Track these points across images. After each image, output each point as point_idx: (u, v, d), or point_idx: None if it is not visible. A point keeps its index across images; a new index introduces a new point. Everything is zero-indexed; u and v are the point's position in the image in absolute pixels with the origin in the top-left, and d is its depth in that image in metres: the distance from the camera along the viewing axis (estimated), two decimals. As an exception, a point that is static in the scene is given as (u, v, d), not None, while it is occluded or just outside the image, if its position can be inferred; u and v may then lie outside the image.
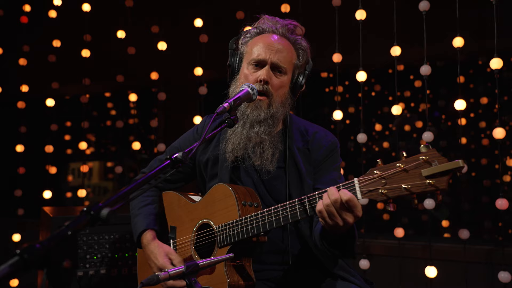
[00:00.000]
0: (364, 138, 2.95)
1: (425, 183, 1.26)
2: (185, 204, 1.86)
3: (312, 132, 1.85)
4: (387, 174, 1.31)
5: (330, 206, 1.38)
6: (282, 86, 1.77)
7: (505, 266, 2.55)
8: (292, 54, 1.80)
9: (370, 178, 1.34)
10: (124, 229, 2.58)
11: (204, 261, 1.28)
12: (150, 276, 1.17)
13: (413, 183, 1.27)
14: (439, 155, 1.26)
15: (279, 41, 1.79)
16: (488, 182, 3.86)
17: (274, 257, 1.79)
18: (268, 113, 1.73)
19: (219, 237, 1.66)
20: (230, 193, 1.65)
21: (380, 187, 1.32)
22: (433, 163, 1.25)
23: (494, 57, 2.58)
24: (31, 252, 0.75)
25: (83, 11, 3.81)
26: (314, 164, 1.81)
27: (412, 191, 1.27)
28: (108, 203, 0.91)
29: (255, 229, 1.57)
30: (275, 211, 1.55)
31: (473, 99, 3.98)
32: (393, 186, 1.30)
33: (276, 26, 1.83)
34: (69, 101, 4.85)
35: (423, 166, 1.26)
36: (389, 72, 3.95)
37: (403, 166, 1.29)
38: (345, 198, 1.35)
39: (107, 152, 5.23)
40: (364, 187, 1.36)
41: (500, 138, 2.56)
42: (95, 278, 2.46)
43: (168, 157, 1.21)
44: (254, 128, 1.73)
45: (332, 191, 1.39)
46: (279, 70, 1.76)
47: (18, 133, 4.00)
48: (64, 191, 5.15)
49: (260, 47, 1.77)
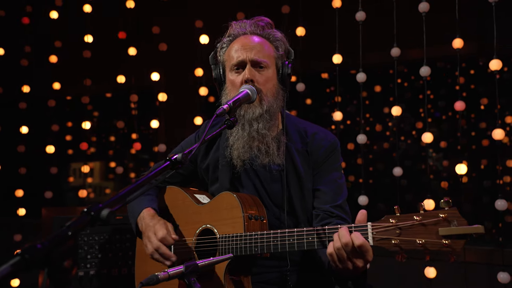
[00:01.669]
0: (364, 138, 2.95)
1: (441, 242, 1.21)
2: (190, 205, 1.85)
3: (311, 133, 1.84)
4: (403, 225, 1.26)
5: (340, 250, 1.34)
6: (268, 80, 1.77)
7: (505, 267, 2.56)
8: (269, 47, 1.81)
9: (384, 225, 1.29)
10: (124, 229, 2.60)
11: (203, 261, 1.30)
12: (149, 276, 1.18)
13: (428, 239, 1.23)
14: (459, 216, 1.22)
15: (252, 39, 1.80)
16: (489, 182, 3.86)
17: (272, 261, 1.79)
18: (262, 108, 1.73)
19: (221, 246, 1.65)
20: (237, 204, 1.64)
21: (393, 237, 1.27)
22: (452, 223, 1.21)
23: (494, 58, 2.58)
24: (32, 252, 0.76)
25: (84, 12, 3.83)
26: (313, 165, 1.80)
27: (426, 247, 1.23)
28: (108, 204, 0.92)
29: (259, 248, 1.55)
30: (282, 236, 1.52)
31: (474, 100, 3.99)
32: (407, 238, 1.25)
33: (245, 28, 1.84)
34: (70, 102, 4.87)
35: (441, 224, 1.22)
36: (390, 72, 3.96)
37: (420, 219, 1.24)
38: (358, 243, 1.30)
39: (108, 152, 5.24)
40: (377, 234, 1.31)
41: (499, 139, 2.57)
42: (96, 278, 2.48)
43: (167, 158, 1.23)
44: (253, 126, 1.74)
45: (343, 233, 1.34)
46: (260, 65, 1.76)
47: (20, 134, 4.02)
48: (65, 191, 5.16)
49: (236, 50, 1.78)
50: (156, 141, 3.96)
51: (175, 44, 3.94)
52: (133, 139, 4.06)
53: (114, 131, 4.98)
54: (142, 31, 3.96)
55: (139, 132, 4.38)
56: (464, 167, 2.71)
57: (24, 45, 4.09)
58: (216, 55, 1.91)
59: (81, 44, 3.87)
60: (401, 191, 3.74)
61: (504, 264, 2.57)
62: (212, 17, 3.77)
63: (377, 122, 4.42)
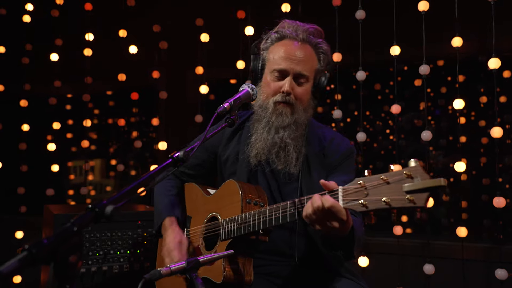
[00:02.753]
0: (364, 136, 2.97)
1: (404, 198, 1.21)
2: (202, 197, 1.94)
3: (329, 138, 1.90)
4: (370, 185, 1.28)
5: (312, 215, 1.39)
6: (305, 93, 1.81)
7: (502, 264, 2.58)
8: (314, 60, 1.83)
9: (353, 187, 1.32)
10: (125, 226, 2.62)
11: (204, 257, 1.32)
12: (152, 271, 1.20)
13: (393, 197, 1.23)
14: (423, 171, 1.20)
15: (300, 48, 1.80)
16: (488, 180, 3.88)
17: (277, 254, 1.83)
18: (292, 119, 1.78)
19: (222, 230, 1.72)
20: (237, 189, 1.71)
21: (361, 198, 1.29)
22: (415, 178, 1.20)
23: (493, 56, 2.60)
24: (39, 247, 0.78)
25: (85, 10, 3.84)
26: (328, 168, 1.85)
27: (391, 205, 1.23)
28: (112, 201, 0.94)
29: (251, 227, 1.60)
30: (269, 211, 1.58)
31: (473, 98, 4.00)
32: (374, 198, 1.26)
33: (297, 32, 1.83)
34: (71, 100, 4.88)
35: (405, 180, 1.22)
36: (391, 70, 3.97)
37: (386, 178, 1.25)
38: (327, 205, 1.35)
39: (109, 150, 5.26)
40: (347, 196, 1.33)
41: (498, 137, 2.58)
42: (98, 275, 2.50)
43: (169, 156, 1.25)
44: (279, 133, 1.78)
45: (315, 198, 1.39)
46: (301, 78, 1.79)
47: (21, 131, 4.04)
48: (66, 189, 5.18)
49: (282, 57, 1.79)
50: (156, 139, 3.98)
51: (176, 42, 3.95)
52: (134, 137, 4.08)
53: (114, 129, 5.00)
54: (142, 28, 3.97)
55: (140, 130, 4.40)
56: (463, 165, 2.73)
57: (25, 43, 4.10)
58: (259, 44, 1.91)
59: (81, 42, 3.88)
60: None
61: (501, 261, 2.59)
62: (213, 15, 3.79)
63: (377, 120, 4.44)
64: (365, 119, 4.43)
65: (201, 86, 3.65)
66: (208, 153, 2.01)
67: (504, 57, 3.49)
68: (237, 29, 3.50)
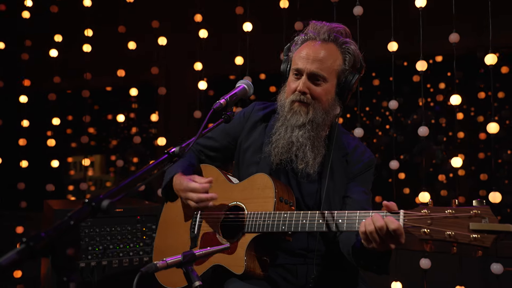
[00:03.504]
0: (361, 132, 2.99)
1: (470, 236, 1.25)
2: (223, 182, 1.91)
3: (353, 146, 1.90)
4: (435, 215, 1.31)
5: (373, 233, 1.39)
6: (324, 93, 1.78)
7: (498, 258, 2.60)
8: (336, 59, 1.79)
9: (417, 214, 1.34)
10: (125, 222, 2.64)
11: (200, 251, 1.34)
12: (148, 264, 1.22)
13: (458, 232, 1.27)
14: (492, 214, 1.26)
15: (320, 48, 1.79)
16: (485, 176, 3.90)
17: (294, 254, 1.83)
18: (306, 118, 1.77)
19: (248, 223, 1.71)
20: (271, 185, 1.71)
21: (424, 226, 1.32)
22: (483, 219, 1.25)
23: (489, 52, 2.61)
24: (37, 240, 0.80)
25: (84, 6, 3.84)
26: (349, 175, 1.86)
27: (455, 239, 1.27)
28: (108, 195, 0.96)
29: (286, 227, 1.61)
30: (311, 216, 1.58)
31: (473, 93, 4.02)
32: (438, 229, 1.30)
33: (320, 32, 1.83)
34: (70, 95, 4.90)
35: (472, 219, 1.26)
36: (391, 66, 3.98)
37: (453, 213, 1.29)
38: (392, 227, 1.35)
39: (109, 146, 5.28)
40: (409, 221, 1.35)
41: (494, 132, 2.60)
42: (97, 269, 2.53)
43: (165, 151, 1.26)
44: (294, 132, 1.78)
45: (377, 218, 1.39)
46: (317, 78, 1.77)
47: (21, 127, 4.05)
48: (66, 184, 5.21)
49: (300, 56, 1.80)
50: (155, 134, 3.99)
51: (175, 38, 3.96)
52: (133, 132, 4.10)
53: (114, 125, 5.02)
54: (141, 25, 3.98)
55: (139, 126, 4.42)
56: (459, 160, 2.74)
57: (24, 39, 4.11)
58: (290, 48, 1.91)
59: (81, 38, 3.89)
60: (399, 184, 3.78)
61: (497, 256, 2.61)
62: (211, 11, 3.80)
63: (377, 116, 4.46)
64: (365, 115, 4.44)
65: (200, 82, 3.66)
66: (229, 139, 2.01)
67: (502, 53, 3.51)
68: (235, 25, 3.51)
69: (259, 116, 1.96)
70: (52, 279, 2.47)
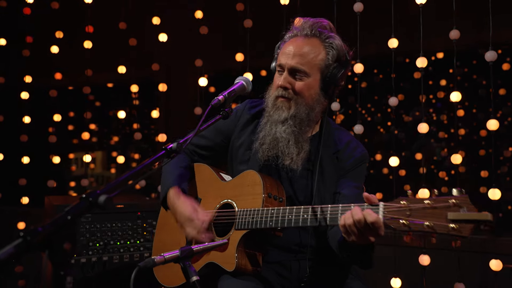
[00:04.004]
0: (361, 129, 2.99)
1: (448, 226, 1.25)
2: (215, 181, 1.92)
3: (345, 142, 1.88)
4: (414, 206, 1.31)
5: (352, 226, 1.39)
6: (307, 88, 1.77)
7: (497, 255, 2.61)
8: (318, 54, 1.78)
9: (396, 206, 1.34)
10: (125, 217, 2.66)
11: (198, 246, 1.35)
12: (146, 259, 1.23)
13: (436, 222, 1.27)
14: (470, 203, 1.25)
15: (302, 43, 1.79)
16: (486, 173, 3.90)
17: (287, 249, 1.84)
18: (288, 113, 1.77)
19: (238, 220, 1.72)
20: (259, 182, 1.72)
21: (403, 217, 1.32)
22: (461, 209, 1.25)
23: (489, 49, 2.61)
24: (34, 234, 0.81)
25: (85, 2, 3.85)
26: (340, 172, 1.85)
27: (434, 229, 1.27)
28: (106, 191, 0.97)
29: (274, 223, 1.62)
30: (297, 211, 1.59)
31: (474, 90, 4.01)
32: (417, 220, 1.30)
33: (304, 27, 1.83)
34: (72, 92, 4.91)
35: (451, 209, 1.26)
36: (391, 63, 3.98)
37: (431, 203, 1.29)
38: (370, 219, 1.35)
39: (110, 142, 5.30)
40: (388, 213, 1.36)
41: (494, 129, 2.60)
42: (98, 265, 2.54)
43: (163, 147, 1.27)
44: (277, 128, 1.78)
45: (356, 211, 1.39)
46: (298, 73, 1.77)
47: (22, 123, 4.07)
48: (67, 181, 5.23)
49: (283, 52, 1.80)
50: (156, 131, 4.01)
51: (175, 34, 3.96)
52: (134, 129, 4.11)
53: (115, 121, 5.03)
54: (142, 21, 3.99)
55: (140, 122, 4.43)
56: (459, 157, 2.74)
57: (26, 36, 4.12)
58: (279, 46, 1.91)
59: (82, 34, 3.89)
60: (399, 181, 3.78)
61: (496, 253, 2.61)
62: (212, 8, 3.80)
63: (378, 112, 4.46)
64: (367, 112, 4.44)
65: (200, 78, 3.66)
66: (222, 137, 2.01)
67: (503, 49, 3.50)
68: (236, 22, 3.51)
69: (250, 114, 1.95)
70: (47, 271, 2.48)
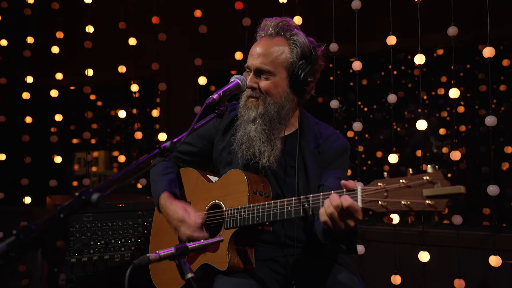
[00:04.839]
0: (360, 126, 2.99)
1: (424, 202, 1.27)
2: (202, 183, 1.96)
3: (325, 136, 1.90)
4: (390, 187, 1.33)
5: (332, 213, 1.41)
6: (273, 86, 1.80)
7: (496, 251, 2.61)
8: (282, 52, 1.81)
9: (373, 188, 1.37)
10: (126, 216, 2.67)
11: (193, 244, 1.36)
12: (141, 257, 1.24)
13: (413, 200, 1.29)
14: (443, 178, 1.27)
15: (265, 43, 1.83)
16: (487, 169, 3.89)
17: (277, 243, 1.87)
18: (257, 112, 1.80)
19: (226, 219, 1.75)
20: (244, 179, 1.74)
21: (380, 199, 1.34)
22: (435, 184, 1.27)
23: (487, 45, 2.61)
24: (27, 232, 0.83)
25: (84, 2, 3.87)
26: (322, 165, 1.87)
27: (411, 207, 1.29)
28: (99, 189, 0.98)
29: (260, 218, 1.64)
30: (281, 204, 1.61)
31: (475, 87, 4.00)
32: (394, 200, 1.32)
33: (268, 27, 1.86)
34: (73, 92, 4.93)
35: (425, 186, 1.28)
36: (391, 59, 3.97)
37: (406, 182, 1.31)
38: (346, 204, 1.38)
39: (111, 141, 5.32)
40: (366, 196, 1.38)
41: (492, 125, 2.60)
42: (99, 263, 2.56)
43: (157, 146, 1.28)
44: (249, 126, 1.81)
45: (334, 197, 1.41)
46: (263, 72, 1.81)
47: (24, 123, 4.10)
48: (69, 180, 5.26)
49: (250, 54, 1.85)
50: (157, 130, 4.02)
51: (174, 33, 3.97)
52: (135, 128, 4.12)
53: (116, 121, 5.05)
54: (142, 20, 4.00)
55: (140, 121, 4.44)
56: (458, 154, 2.74)
57: (27, 36, 4.14)
58: None
59: (82, 34, 3.91)
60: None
61: (495, 248, 2.62)
62: (211, 7, 3.80)
63: (378, 109, 4.45)
64: (369, 109, 4.44)
65: (200, 77, 3.67)
66: (204, 142, 2.04)
67: (504, 46, 3.49)
68: (235, 20, 3.51)
69: (231, 117, 1.98)
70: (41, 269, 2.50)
